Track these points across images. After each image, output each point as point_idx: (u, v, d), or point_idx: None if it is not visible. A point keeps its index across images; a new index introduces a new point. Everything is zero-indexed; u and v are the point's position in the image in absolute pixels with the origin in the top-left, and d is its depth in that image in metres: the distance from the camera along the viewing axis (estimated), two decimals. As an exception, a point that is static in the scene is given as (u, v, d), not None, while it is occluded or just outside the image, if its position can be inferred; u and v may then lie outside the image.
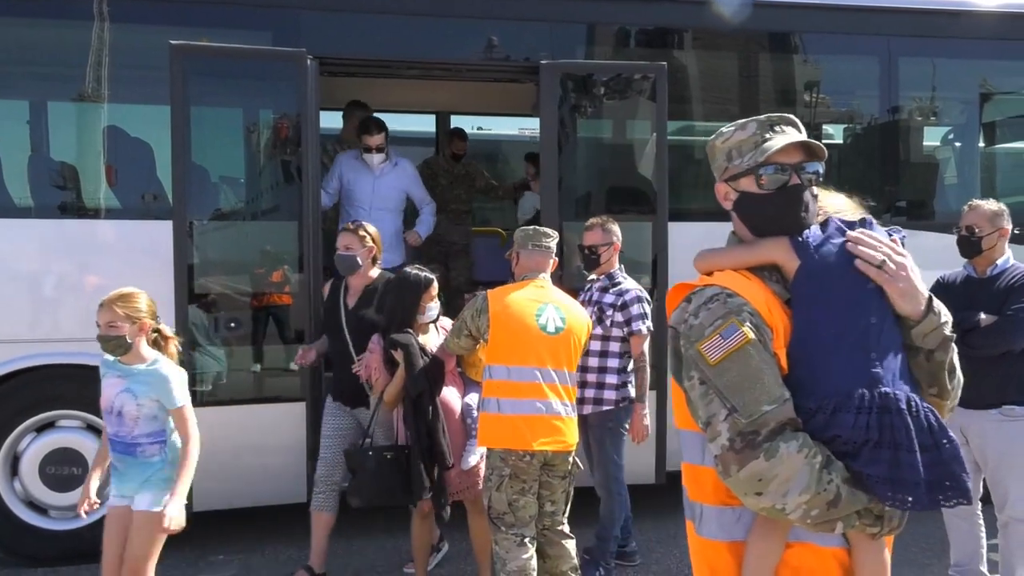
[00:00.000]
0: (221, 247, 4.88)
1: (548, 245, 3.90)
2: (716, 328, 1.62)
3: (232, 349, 4.90)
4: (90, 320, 4.58)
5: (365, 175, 5.54)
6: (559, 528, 3.85)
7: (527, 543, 3.67)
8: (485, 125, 9.90)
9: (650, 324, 4.38)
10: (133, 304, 3.31)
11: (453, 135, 7.22)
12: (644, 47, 5.48)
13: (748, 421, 1.58)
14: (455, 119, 7.97)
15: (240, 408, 4.70)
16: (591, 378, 4.35)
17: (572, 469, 3.81)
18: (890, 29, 5.54)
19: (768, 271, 1.74)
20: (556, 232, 4.07)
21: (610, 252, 4.44)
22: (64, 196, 4.82)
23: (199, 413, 4.53)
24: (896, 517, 1.61)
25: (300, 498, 4.69)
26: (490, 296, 3.75)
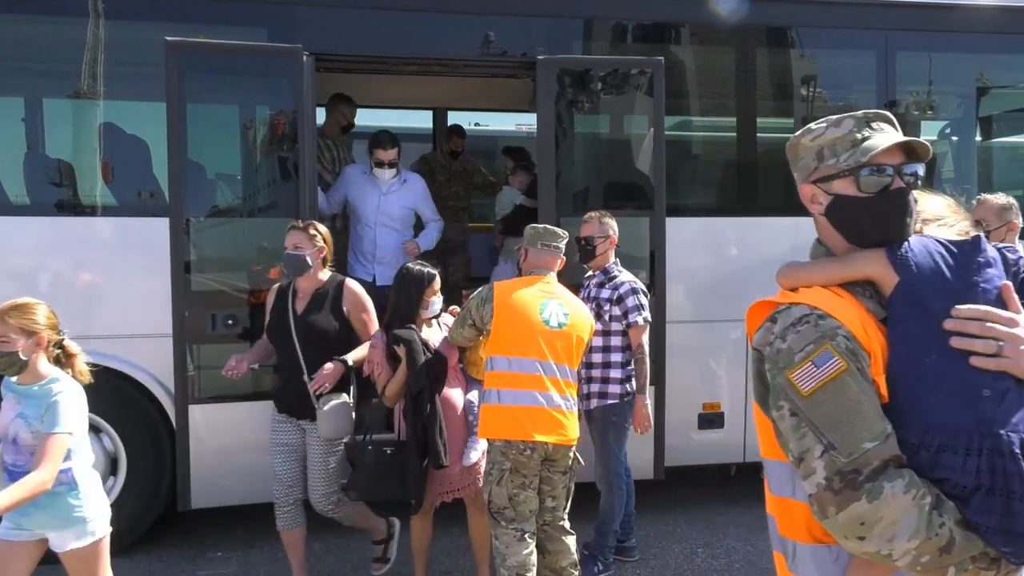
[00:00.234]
0: (218, 244, 4.87)
1: (557, 246, 3.92)
2: (808, 355, 1.47)
3: (228, 346, 4.88)
4: (89, 318, 4.64)
5: (371, 191, 5.38)
6: (560, 524, 3.86)
7: (527, 538, 3.67)
8: (482, 121, 9.89)
9: (647, 315, 4.39)
10: (29, 316, 2.91)
11: (452, 132, 7.21)
12: (641, 42, 5.48)
13: (848, 460, 1.42)
14: (452, 115, 7.96)
15: (237, 405, 4.69)
16: (595, 373, 4.37)
17: (573, 465, 3.81)
18: (888, 23, 5.54)
19: (861, 286, 1.58)
20: (567, 233, 4.07)
21: (605, 245, 4.45)
22: (60, 193, 4.81)
23: (197, 410, 4.59)
24: None
25: (298, 495, 4.70)
26: (496, 287, 3.77)
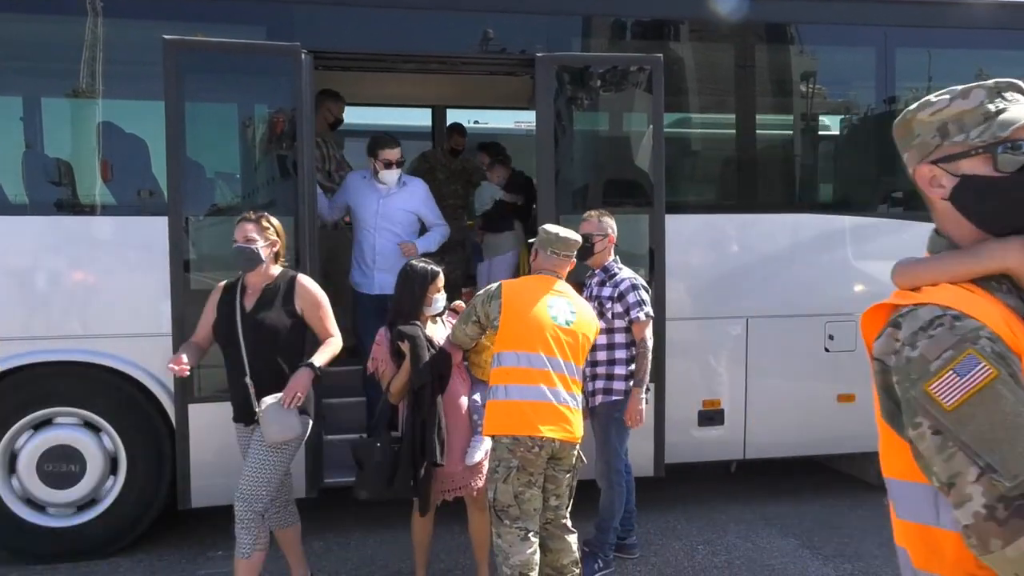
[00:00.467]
0: (217, 243, 4.86)
1: (568, 255, 3.89)
2: (947, 362, 1.26)
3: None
4: (87, 317, 4.64)
5: (370, 195, 5.18)
6: (562, 523, 3.85)
7: (531, 537, 3.65)
8: (481, 119, 9.88)
9: (649, 310, 4.39)
10: None
11: (452, 130, 7.19)
12: (640, 39, 5.47)
13: (1013, 484, 1.21)
14: (451, 113, 7.95)
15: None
16: (600, 370, 4.38)
17: (577, 463, 3.81)
18: (887, 19, 5.53)
19: (996, 280, 1.39)
20: (581, 238, 4.05)
21: (604, 243, 4.46)
22: (59, 193, 4.80)
23: (197, 409, 4.59)
24: None
25: (298, 494, 4.68)
26: (504, 285, 3.77)
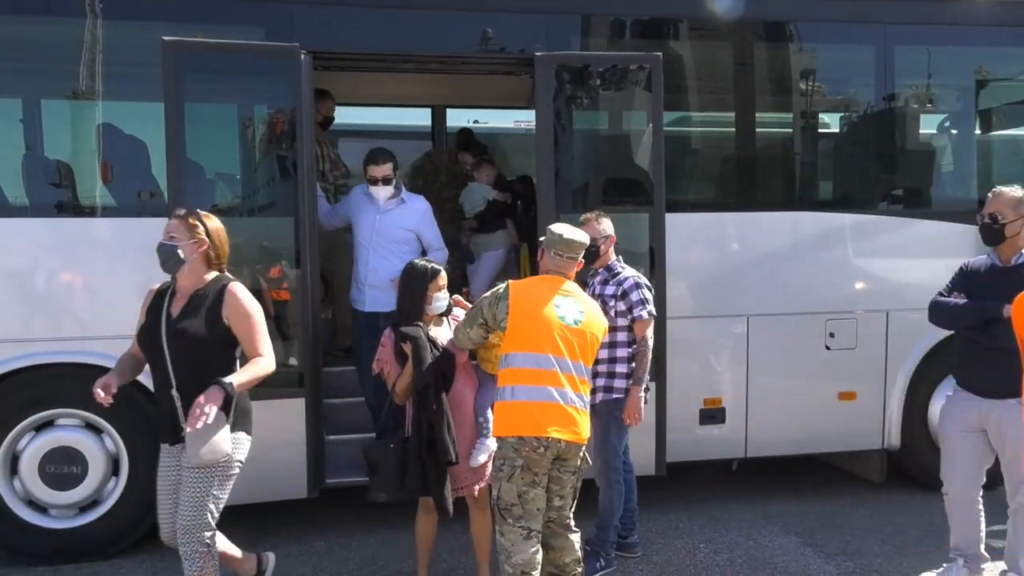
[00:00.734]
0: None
1: (574, 257, 3.86)
2: None
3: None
4: (88, 318, 4.64)
5: (368, 211, 5.01)
6: (565, 522, 3.85)
7: (533, 536, 3.66)
8: (481, 118, 9.87)
9: (652, 309, 4.39)
10: None
11: (463, 147, 7.07)
12: (639, 38, 5.47)
13: None
14: (451, 112, 7.96)
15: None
16: (601, 368, 4.37)
17: (581, 464, 3.81)
18: (886, 17, 5.53)
19: None
20: (589, 239, 4.02)
21: (608, 244, 4.48)
22: (60, 194, 4.81)
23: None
24: None
25: (300, 494, 4.70)
26: (511, 286, 3.74)
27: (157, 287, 3.60)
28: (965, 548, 4.13)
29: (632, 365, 4.41)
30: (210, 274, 3.55)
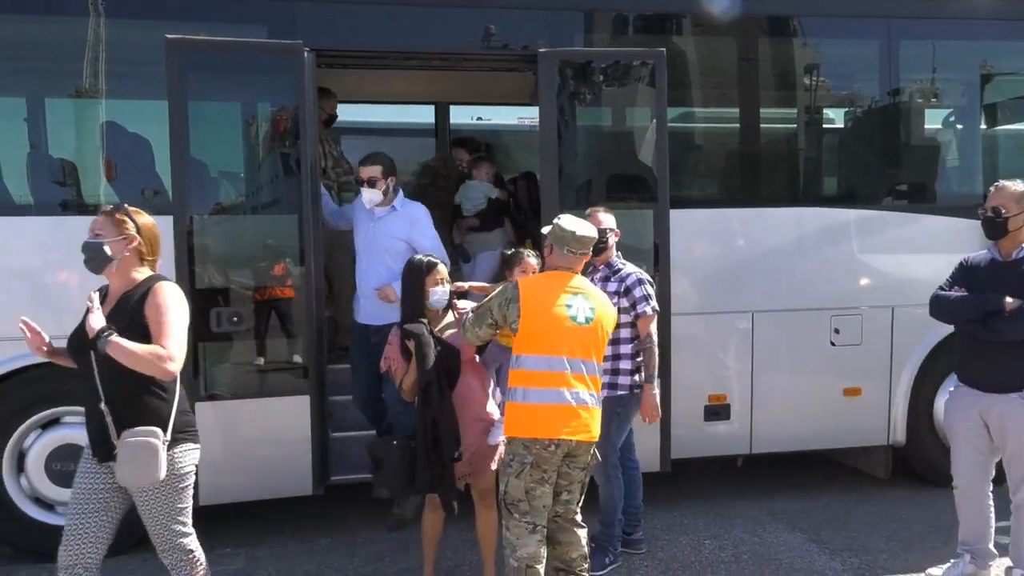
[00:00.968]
0: (221, 241, 4.87)
1: (586, 252, 3.84)
2: None
3: (234, 344, 4.89)
4: (92, 316, 4.64)
5: (365, 218, 4.83)
6: (572, 517, 3.86)
7: (538, 531, 3.67)
8: (484, 115, 9.86)
9: (655, 304, 4.39)
10: None
11: (457, 143, 7.01)
12: (643, 33, 5.46)
13: None
14: (454, 109, 7.95)
15: (244, 403, 4.70)
16: (605, 365, 4.35)
17: (591, 460, 3.81)
18: (890, 12, 5.51)
19: None
20: (598, 233, 3.98)
21: (614, 237, 4.47)
22: (64, 193, 4.82)
23: (204, 408, 4.59)
24: None
25: (305, 491, 4.71)
26: (521, 286, 3.70)
27: (99, 289, 3.31)
28: (973, 543, 4.13)
29: (635, 361, 4.40)
30: (142, 274, 3.24)
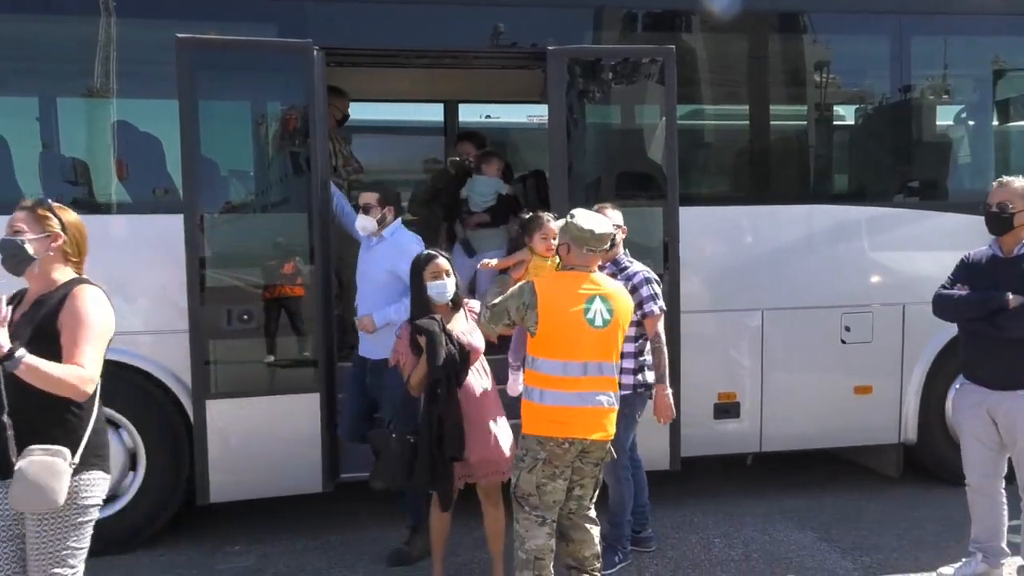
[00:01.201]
0: (232, 240, 4.89)
1: (605, 249, 3.82)
2: None
3: (245, 341, 4.91)
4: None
5: (363, 247, 4.65)
6: (585, 513, 3.86)
7: (548, 523, 3.69)
8: (493, 113, 9.86)
9: (662, 304, 4.37)
10: None
11: (463, 138, 6.99)
12: (652, 31, 5.44)
13: None
14: (463, 108, 7.94)
15: (254, 400, 4.72)
16: None
17: (605, 456, 3.81)
18: (901, 7, 5.49)
19: None
20: (614, 230, 3.96)
21: (623, 234, 4.45)
22: (76, 192, 4.84)
23: (215, 405, 4.62)
24: None
25: (315, 488, 4.72)
26: (539, 290, 3.65)
27: (14, 295, 2.96)
28: (985, 541, 4.11)
29: (638, 361, 4.38)
30: (64, 275, 2.92)
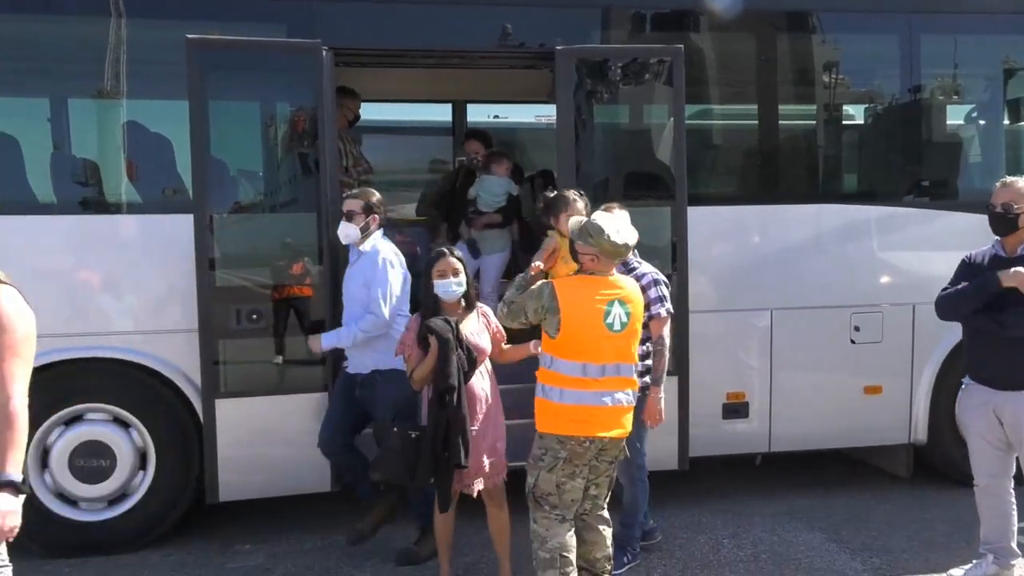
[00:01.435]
0: (241, 240, 4.91)
1: (626, 253, 3.86)
2: None
3: (254, 341, 4.93)
4: (115, 315, 4.70)
5: (349, 258, 4.53)
6: (599, 513, 3.87)
7: (568, 521, 3.71)
8: (501, 113, 9.86)
9: (669, 306, 4.35)
10: None
11: (471, 136, 6.98)
12: (660, 30, 5.44)
13: None
14: (471, 108, 7.95)
15: (262, 399, 4.73)
16: None
17: (620, 454, 3.82)
18: (911, 6, 5.46)
19: None
20: (636, 236, 3.91)
21: None
22: (86, 192, 4.87)
23: (225, 404, 4.64)
24: None
25: (323, 488, 4.74)
26: (560, 294, 3.65)
27: None
28: (995, 541, 4.09)
29: (646, 362, 4.37)
30: None
